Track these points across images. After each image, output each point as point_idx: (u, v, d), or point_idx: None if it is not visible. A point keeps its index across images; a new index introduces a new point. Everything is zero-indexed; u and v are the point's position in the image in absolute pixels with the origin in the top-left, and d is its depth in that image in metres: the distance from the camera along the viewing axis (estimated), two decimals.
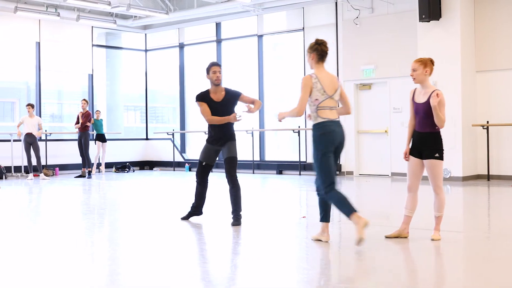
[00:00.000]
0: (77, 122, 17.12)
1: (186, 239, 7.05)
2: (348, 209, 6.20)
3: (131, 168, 19.83)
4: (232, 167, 7.86)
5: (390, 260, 5.73)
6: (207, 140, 8.10)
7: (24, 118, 16.42)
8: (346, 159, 16.58)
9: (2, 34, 18.14)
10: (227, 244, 6.72)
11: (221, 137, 7.97)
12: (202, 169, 8.11)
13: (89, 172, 16.84)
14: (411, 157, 6.69)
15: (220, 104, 7.98)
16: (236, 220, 7.79)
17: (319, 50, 6.75)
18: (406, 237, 6.73)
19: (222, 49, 19.75)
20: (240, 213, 7.87)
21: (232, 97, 8.10)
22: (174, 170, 20.22)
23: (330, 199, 6.35)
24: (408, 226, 6.77)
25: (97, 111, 18.64)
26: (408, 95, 8.34)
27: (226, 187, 8.12)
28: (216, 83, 8.02)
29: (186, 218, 8.28)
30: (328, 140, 6.45)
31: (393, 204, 10.72)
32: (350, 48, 16.56)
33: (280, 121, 6.76)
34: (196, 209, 8.27)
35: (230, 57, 19.73)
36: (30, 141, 16.28)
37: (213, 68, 8.03)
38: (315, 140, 6.52)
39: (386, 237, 6.75)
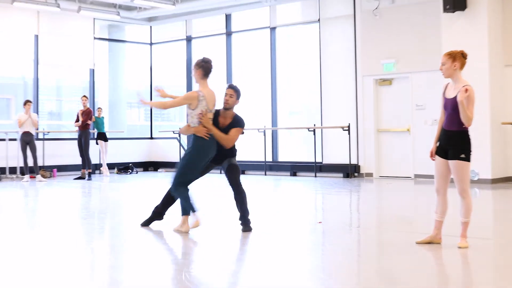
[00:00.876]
0: (77, 120, 17.06)
1: (194, 246, 6.97)
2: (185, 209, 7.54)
3: (134, 169, 19.81)
4: (234, 174, 7.86)
5: (413, 268, 5.63)
6: None
7: (21, 115, 16.38)
8: (365, 160, 16.49)
9: None
10: (237, 251, 6.64)
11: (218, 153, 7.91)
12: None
13: (89, 174, 16.80)
14: (437, 157, 6.59)
15: (223, 130, 7.85)
16: (246, 225, 7.72)
17: (205, 68, 7.67)
18: (439, 243, 6.62)
19: (233, 42, 19.69)
20: (248, 217, 7.79)
21: (235, 126, 7.95)
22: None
23: (177, 194, 7.63)
24: (440, 232, 6.65)
25: (98, 108, 18.62)
26: (435, 91, 8.23)
27: (228, 189, 8.04)
28: (225, 106, 7.95)
29: (146, 223, 8.15)
30: (205, 153, 7.55)
31: (417, 208, 10.61)
32: (369, 41, 16.46)
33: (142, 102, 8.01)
34: (156, 214, 8.17)
35: (241, 51, 19.68)
36: (27, 140, 16.27)
37: (227, 90, 7.98)
38: (195, 148, 7.51)
39: (417, 243, 6.63)
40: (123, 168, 19.67)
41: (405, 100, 16.02)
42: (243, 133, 8.05)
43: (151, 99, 21.70)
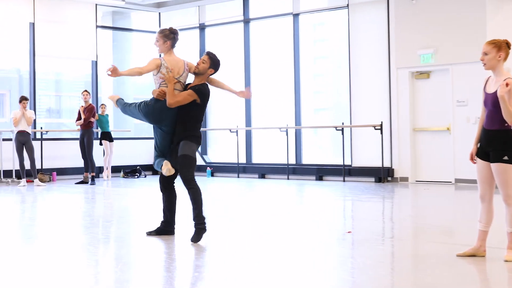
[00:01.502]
0: (79, 118, 17.11)
1: (209, 257, 7.04)
2: None
3: (142, 173, 19.91)
4: (181, 165, 8.13)
5: (454, 284, 5.66)
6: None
7: (17, 113, 16.44)
8: (400, 162, 16.49)
9: None
10: (256, 263, 6.69)
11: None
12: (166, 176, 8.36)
13: (93, 178, 16.92)
14: (478, 160, 6.58)
15: None
16: (197, 233, 7.79)
17: (174, 40, 8.88)
18: (483, 256, 6.62)
19: (251, 30, 19.74)
20: (202, 222, 7.85)
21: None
22: None
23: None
24: (484, 243, 6.63)
25: (102, 105, 18.67)
26: (479, 85, 8.23)
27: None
28: (194, 70, 8.59)
29: (151, 233, 8.31)
30: (160, 115, 8.28)
31: (458, 217, 10.61)
32: (405, 29, 16.45)
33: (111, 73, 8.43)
34: (166, 224, 8.35)
35: (260, 41, 19.72)
36: (23, 141, 16.35)
37: (203, 56, 8.64)
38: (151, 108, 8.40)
39: (458, 255, 6.65)
40: (130, 171, 19.77)
41: (445, 95, 16.00)
42: (199, 104, 8.13)
43: None
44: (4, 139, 17.76)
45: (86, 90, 17.34)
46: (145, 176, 19.86)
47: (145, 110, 8.37)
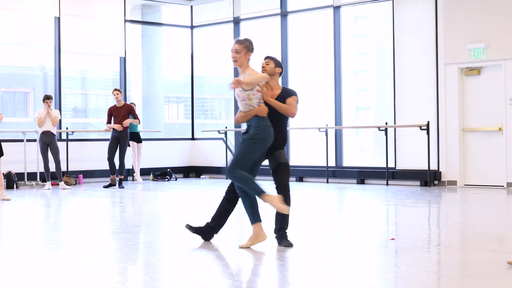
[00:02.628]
0: (109, 121, 17.04)
1: (242, 264, 7.08)
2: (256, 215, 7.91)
3: (173, 176, 20.01)
4: (285, 176, 8.17)
5: None
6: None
7: (41, 112, 16.59)
8: (448, 165, 16.41)
9: (12, 8, 18.50)
10: (294, 271, 6.71)
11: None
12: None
13: (121, 181, 16.98)
14: None
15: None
16: (283, 239, 7.99)
17: (253, 51, 8.64)
18: None
19: (288, 24, 19.76)
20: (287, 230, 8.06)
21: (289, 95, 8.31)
22: (227, 178, 20.29)
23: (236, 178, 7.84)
24: None
25: (131, 103, 18.78)
26: None
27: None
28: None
29: (191, 229, 8.44)
30: (269, 137, 7.99)
31: (510, 223, 10.55)
32: (454, 21, 16.36)
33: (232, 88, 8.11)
34: (209, 229, 8.42)
35: (298, 35, 19.73)
36: (48, 142, 16.50)
37: (263, 61, 8.64)
38: (259, 130, 7.87)
39: (509, 263, 6.63)
40: (160, 174, 19.88)
41: (497, 93, 15.90)
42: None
43: (192, 94, 21.89)
44: (28, 140, 17.94)
45: (116, 89, 17.20)
46: (176, 179, 19.95)
47: (262, 136, 7.85)
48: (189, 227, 8.43)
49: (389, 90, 17.62)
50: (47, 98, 16.50)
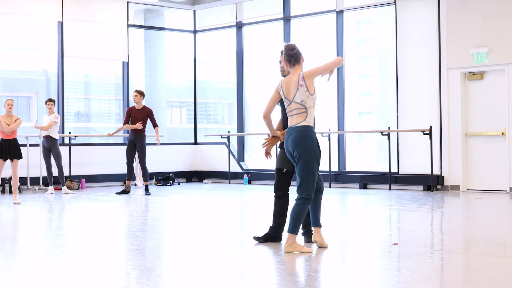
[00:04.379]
0: (127, 121, 16.48)
1: (244, 269, 7.08)
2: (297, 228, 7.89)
3: (176, 180, 20.02)
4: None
5: None
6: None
7: (43, 118, 16.63)
8: (451, 170, 16.40)
9: (15, 13, 18.53)
10: (296, 275, 6.71)
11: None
12: (283, 178, 8.47)
13: (147, 187, 16.43)
14: None
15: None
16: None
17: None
18: None
19: (291, 29, 19.77)
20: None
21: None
22: (229, 183, 20.33)
23: (304, 208, 7.92)
24: None
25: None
26: None
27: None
28: (283, 74, 8.59)
29: (261, 239, 8.53)
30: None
31: None
32: (457, 26, 16.36)
33: None
34: (276, 230, 8.53)
35: (301, 40, 19.72)
36: (49, 146, 16.51)
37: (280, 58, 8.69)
38: (315, 142, 8.17)
39: None
40: (163, 178, 19.90)
41: (500, 97, 15.90)
42: None
43: (195, 98, 21.89)
44: (31, 145, 17.96)
45: (136, 90, 16.52)
46: (179, 184, 19.96)
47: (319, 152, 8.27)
48: (258, 238, 8.54)
49: (392, 94, 17.62)
50: (49, 100, 16.53)
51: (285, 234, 8.27)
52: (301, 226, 8.30)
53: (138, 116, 16.30)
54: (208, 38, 21.92)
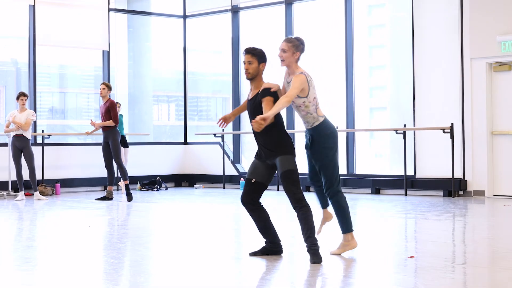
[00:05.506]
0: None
1: (240, 282, 7.08)
2: (349, 224, 8.56)
3: (163, 185, 20.01)
4: (288, 182, 8.31)
5: None
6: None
7: (13, 114, 16.55)
8: (474, 173, 16.40)
9: None
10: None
11: (260, 149, 8.61)
12: (250, 188, 8.54)
13: (128, 188, 16.28)
14: None
15: (249, 104, 8.58)
16: (313, 255, 7.96)
17: (303, 51, 8.57)
18: None
19: (294, 14, 19.76)
20: (315, 243, 8.04)
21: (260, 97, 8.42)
22: (224, 187, 20.33)
23: (338, 202, 8.61)
24: None
25: (117, 103, 18.72)
26: None
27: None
28: (247, 77, 8.52)
29: (258, 253, 8.58)
30: (336, 137, 8.92)
31: None
32: (482, 10, 16.36)
33: (258, 130, 8.08)
34: (273, 245, 8.56)
35: (305, 26, 19.73)
36: (21, 146, 16.47)
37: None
38: (327, 140, 8.72)
39: None
40: (148, 182, 19.88)
41: None
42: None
43: (184, 92, 21.88)
44: None
45: (103, 83, 16.60)
46: (166, 189, 19.96)
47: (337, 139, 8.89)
48: (255, 253, 8.57)
49: (408, 88, 17.62)
50: (21, 95, 16.47)
51: (282, 242, 8.26)
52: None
53: (103, 111, 16.34)
54: (200, 24, 21.91)
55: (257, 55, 8.31)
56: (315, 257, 7.94)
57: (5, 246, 10.05)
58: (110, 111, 16.25)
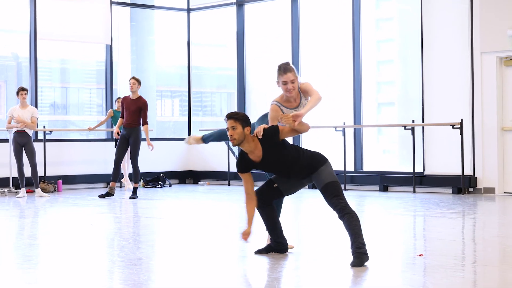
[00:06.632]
0: (122, 115, 16.37)
1: (246, 283, 7.08)
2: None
3: (167, 181, 20.01)
4: (328, 195, 8.42)
5: None
6: None
7: (14, 110, 16.57)
8: (484, 169, 16.38)
9: None
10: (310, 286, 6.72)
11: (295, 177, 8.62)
12: (268, 190, 8.57)
13: (135, 190, 16.32)
14: None
15: (263, 164, 8.43)
16: (355, 258, 7.90)
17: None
18: None
19: (300, 7, 19.74)
20: (359, 247, 7.95)
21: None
22: (229, 184, 20.33)
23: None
24: None
25: (118, 99, 18.77)
26: None
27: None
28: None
29: (263, 251, 8.64)
30: None
31: None
32: (492, 3, 16.32)
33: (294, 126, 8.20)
34: (277, 244, 8.59)
35: (312, 20, 19.71)
36: (22, 142, 16.47)
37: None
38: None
39: None
40: (152, 179, 19.89)
41: None
42: None
43: (189, 87, 21.88)
44: (0, 141, 17.94)
45: (134, 77, 16.45)
46: (170, 186, 19.95)
47: None
48: (260, 251, 8.64)
49: (417, 83, 17.60)
50: (21, 89, 16.46)
51: (291, 242, 8.28)
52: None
53: (131, 107, 16.17)
54: (204, 17, 21.90)
55: (240, 120, 8.07)
56: (356, 260, 7.82)
57: (6, 244, 10.06)
58: (142, 110, 16.23)
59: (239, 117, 8.08)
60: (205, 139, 9.41)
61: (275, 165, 8.27)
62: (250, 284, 7.23)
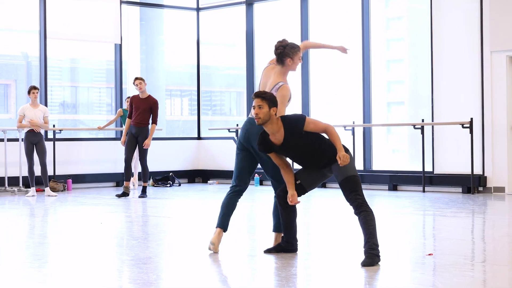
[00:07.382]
0: (130, 113, 16.33)
1: (252, 281, 7.08)
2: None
3: (176, 181, 20.02)
4: (347, 190, 8.40)
5: None
6: None
7: (25, 108, 16.56)
8: (494, 169, 16.35)
9: None
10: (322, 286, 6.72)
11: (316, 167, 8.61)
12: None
13: (144, 189, 16.34)
14: None
15: (283, 148, 8.39)
16: (366, 257, 7.87)
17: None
18: None
19: (310, 6, 19.72)
20: (373, 247, 7.93)
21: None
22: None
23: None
24: None
25: (127, 98, 18.78)
26: None
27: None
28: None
29: (272, 250, 8.64)
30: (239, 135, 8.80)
31: None
32: (502, 1, 16.28)
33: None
34: (288, 244, 8.59)
35: (321, 19, 19.69)
36: (35, 141, 16.46)
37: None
38: None
39: None
40: (161, 178, 19.88)
41: None
42: None
43: (198, 86, 21.90)
44: (9, 139, 17.95)
45: (138, 78, 16.50)
46: (179, 185, 19.96)
47: None
48: (270, 250, 8.64)
49: (426, 82, 17.56)
50: (33, 88, 16.43)
51: (301, 241, 8.27)
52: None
53: (141, 106, 16.16)
54: (214, 16, 21.91)
55: (267, 99, 8.07)
56: (368, 260, 7.78)
57: (16, 243, 10.08)
58: (152, 109, 16.25)
59: (266, 97, 8.10)
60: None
61: (294, 149, 8.24)
62: (260, 284, 7.23)
